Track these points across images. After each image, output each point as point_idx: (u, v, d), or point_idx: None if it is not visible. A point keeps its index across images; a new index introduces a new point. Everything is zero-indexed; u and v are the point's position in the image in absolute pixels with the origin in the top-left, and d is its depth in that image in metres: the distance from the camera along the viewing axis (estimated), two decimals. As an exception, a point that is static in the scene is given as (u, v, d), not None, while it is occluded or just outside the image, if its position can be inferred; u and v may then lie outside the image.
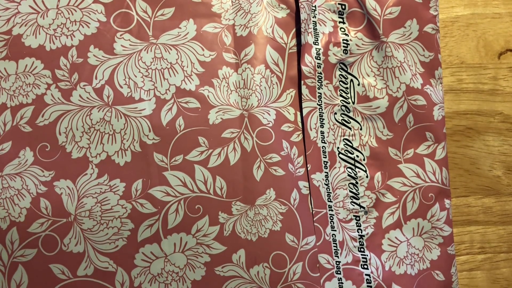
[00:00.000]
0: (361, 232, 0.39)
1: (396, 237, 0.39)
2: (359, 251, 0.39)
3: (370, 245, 0.39)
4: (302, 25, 0.38)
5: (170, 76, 0.37)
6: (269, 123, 0.38)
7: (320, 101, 0.39)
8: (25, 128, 0.36)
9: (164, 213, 0.36)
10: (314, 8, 0.39)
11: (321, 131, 0.39)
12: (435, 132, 0.39)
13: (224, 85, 0.38)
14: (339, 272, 0.38)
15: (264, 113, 0.38)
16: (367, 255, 0.39)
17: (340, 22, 0.39)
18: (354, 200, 0.39)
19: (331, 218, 0.38)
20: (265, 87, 0.38)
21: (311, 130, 0.38)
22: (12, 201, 0.36)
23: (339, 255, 0.38)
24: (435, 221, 0.39)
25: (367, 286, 0.38)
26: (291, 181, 0.38)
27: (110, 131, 0.37)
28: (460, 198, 0.43)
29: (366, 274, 0.38)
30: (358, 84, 0.39)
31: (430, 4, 0.39)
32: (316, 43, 0.39)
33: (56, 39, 0.37)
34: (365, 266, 0.38)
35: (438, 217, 0.39)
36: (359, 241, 0.39)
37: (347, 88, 0.39)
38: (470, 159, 0.43)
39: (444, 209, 0.39)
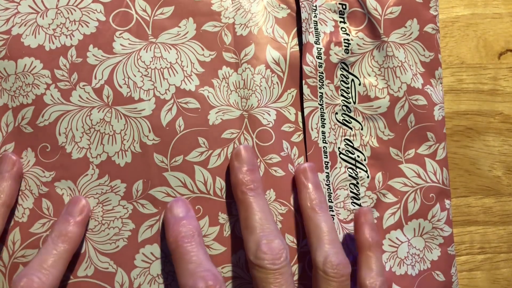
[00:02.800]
0: (362, 233, 0.39)
1: (397, 238, 0.39)
2: (359, 251, 0.38)
3: (370, 246, 0.39)
4: (303, 25, 0.38)
5: (170, 76, 0.37)
6: (269, 124, 0.37)
7: (321, 101, 0.39)
8: (27, 129, 0.36)
9: (164, 213, 0.36)
10: (315, 8, 0.39)
11: (322, 131, 0.39)
12: (436, 132, 0.39)
13: (224, 85, 0.37)
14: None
15: (264, 114, 0.37)
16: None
17: (341, 21, 0.39)
18: (355, 201, 0.39)
19: (332, 218, 0.38)
20: (265, 87, 0.38)
21: (312, 130, 0.38)
22: (16, 202, 0.36)
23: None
24: (436, 221, 0.39)
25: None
26: (291, 181, 0.38)
27: (110, 131, 0.36)
28: (460, 198, 0.43)
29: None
30: (359, 84, 0.39)
31: (430, 4, 0.39)
32: (318, 43, 0.38)
33: (56, 39, 0.36)
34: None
35: (439, 217, 0.39)
36: (360, 242, 0.39)
37: (348, 88, 0.39)
38: (470, 159, 0.43)
39: (444, 210, 0.40)
